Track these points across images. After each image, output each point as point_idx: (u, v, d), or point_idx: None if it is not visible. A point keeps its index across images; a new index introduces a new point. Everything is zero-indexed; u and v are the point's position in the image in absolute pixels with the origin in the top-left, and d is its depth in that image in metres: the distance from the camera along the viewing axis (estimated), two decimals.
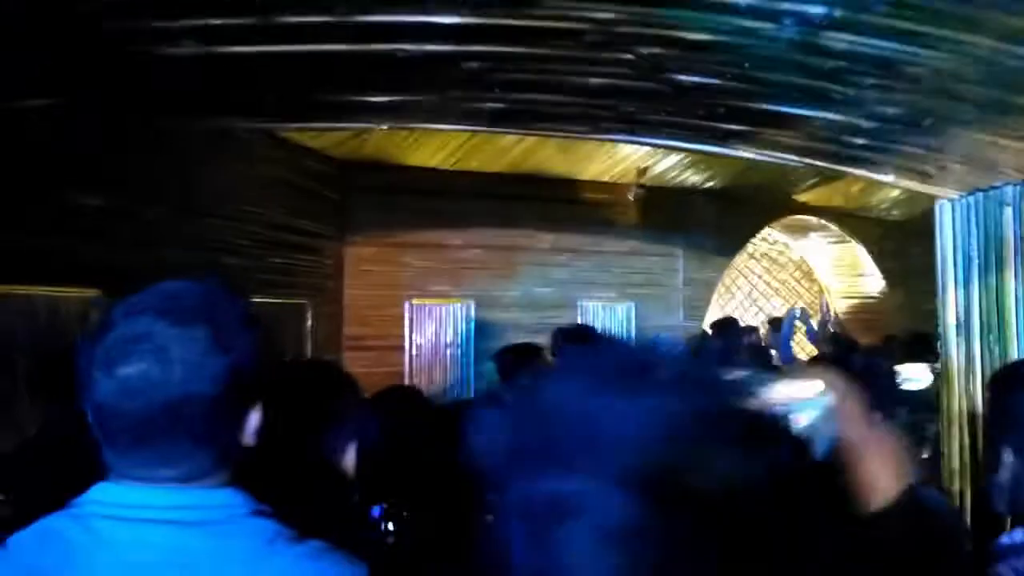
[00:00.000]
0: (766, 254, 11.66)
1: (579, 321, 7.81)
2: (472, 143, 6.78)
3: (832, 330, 10.33)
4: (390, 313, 6.89)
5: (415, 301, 7.07)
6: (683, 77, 2.50)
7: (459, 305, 7.30)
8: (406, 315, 7.04)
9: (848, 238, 10.37)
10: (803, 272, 11.75)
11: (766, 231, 10.41)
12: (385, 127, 4.74)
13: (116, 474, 1.01)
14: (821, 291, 11.45)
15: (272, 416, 1.12)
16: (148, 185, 4.51)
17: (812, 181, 8.82)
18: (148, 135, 4.30)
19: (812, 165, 3.47)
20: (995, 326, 3.27)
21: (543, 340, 7.55)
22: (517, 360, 3.76)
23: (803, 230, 10.60)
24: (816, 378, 0.89)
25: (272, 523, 1.03)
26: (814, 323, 8.90)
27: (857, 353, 5.71)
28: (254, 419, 1.08)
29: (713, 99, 2.81)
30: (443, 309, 7.23)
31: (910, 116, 2.70)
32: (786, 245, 11.55)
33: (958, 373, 3.46)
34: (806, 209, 9.49)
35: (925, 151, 3.08)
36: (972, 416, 3.32)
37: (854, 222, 10.13)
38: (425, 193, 7.03)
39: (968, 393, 3.40)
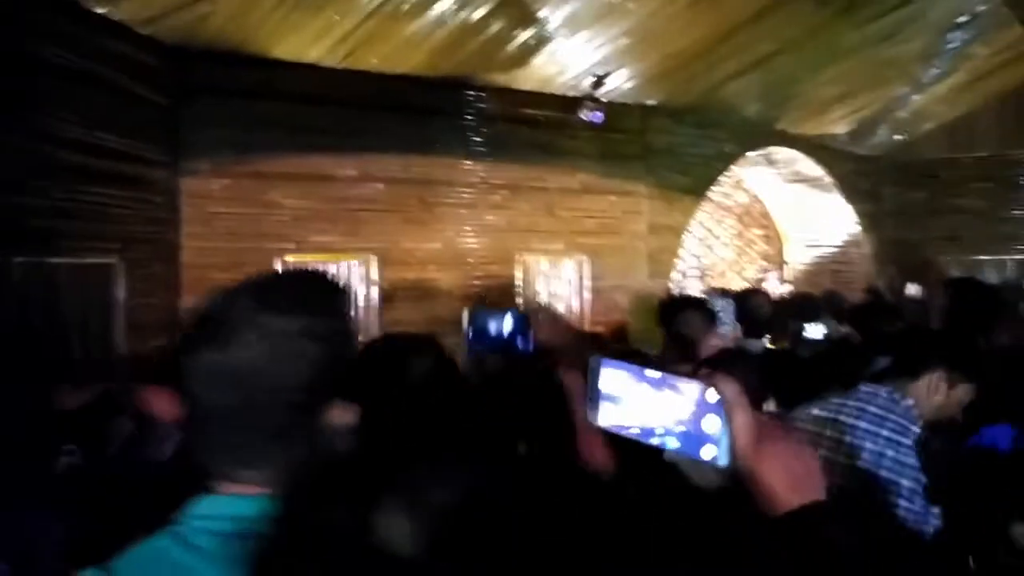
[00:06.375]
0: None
1: (518, 281, 5.90)
2: (369, 28, 4.71)
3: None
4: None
5: (290, 257, 4.97)
6: None
7: (355, 263, 5.25)
8: None
9: (812, 175, 8.78)
10: (753, 217, 10.14)
11: None
12: None
13: (212, 481, 0.96)
14: (777, 238, 9.89)
15: None
16: None
17: (797, 103, 7.17)
18: None
19: None
20: None
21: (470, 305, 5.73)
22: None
23: (758, 165, 8.90)
24: (705, 383, 0.79)
25: None
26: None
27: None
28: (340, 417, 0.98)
29: None
30: (332, 268, 5.15)
31: None
32: (737, 184, 9.84)
33: None
34: (785, 139, 7.78)
35: None
36: None
37: (826, 155, 8.54)
38: (302, 100, 4.94)
39: None
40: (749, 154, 7.89)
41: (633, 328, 5.74)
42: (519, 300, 5.79)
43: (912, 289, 6.47)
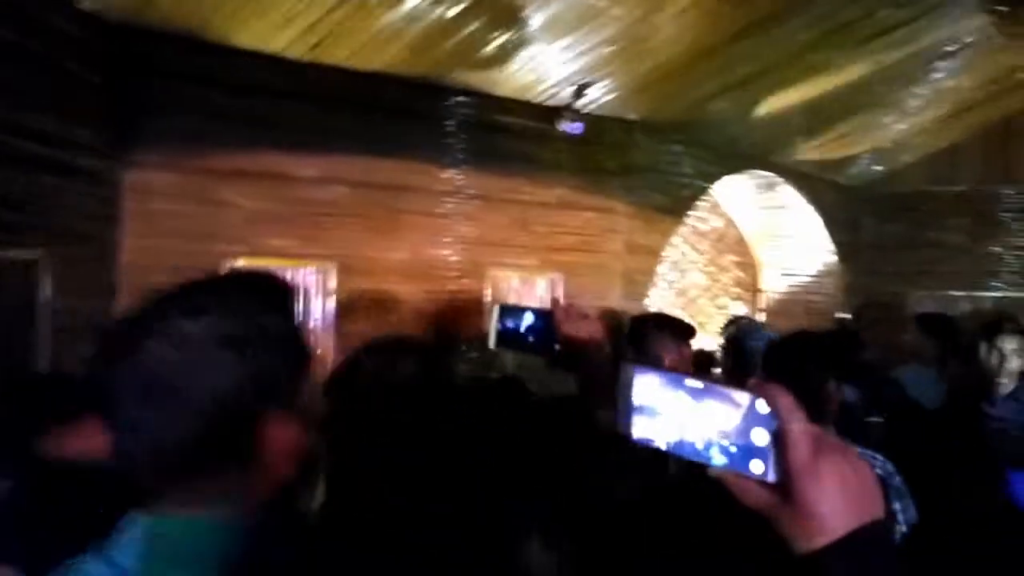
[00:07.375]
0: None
1: (487, 294, 5.56)
2: (337, 19, 4.36)
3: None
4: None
5: (241, 261, 4.57)
6: None
7: (311, 270, 4.87)
8: None
9: (791, 202, 8.60)
10: (728, 243, 9.92)
11: None
12: None
13: (145, 499, 0.90)
14: (753, 265, 9.68)
15: None
16: None
17: (779, 127, 6.96)
18: None
19: None
20: None
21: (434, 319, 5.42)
22: None
23: (736, 188, 8.69)
24: (755, 393, 0.71)
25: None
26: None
27: None
28: (282, 436, 0.90)
29: None
30: (287, 276, 4.76)
31: None
32: (713, 208, 9.63)
33: None
34: (765, 163, 7.57)
35: None
36: None
37: (805, 182, 8.36)
38: (261, 92, 4.54)
39: None
40: (727, 177, 7.68)
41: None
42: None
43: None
